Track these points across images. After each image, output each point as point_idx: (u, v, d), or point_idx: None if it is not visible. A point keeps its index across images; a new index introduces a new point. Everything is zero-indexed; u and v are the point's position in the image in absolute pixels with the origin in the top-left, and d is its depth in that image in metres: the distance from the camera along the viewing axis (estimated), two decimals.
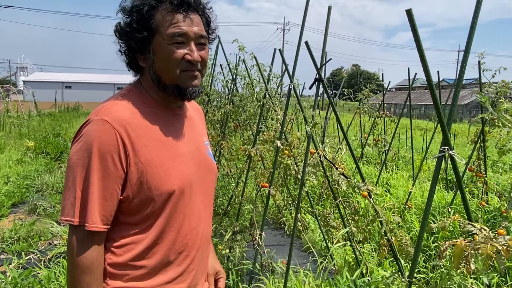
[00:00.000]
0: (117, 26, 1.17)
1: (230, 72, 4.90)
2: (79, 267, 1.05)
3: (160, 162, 1.13)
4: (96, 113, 1.10)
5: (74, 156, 1.06)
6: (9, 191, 5.64)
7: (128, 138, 1.08)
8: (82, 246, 1.05)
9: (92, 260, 1.06)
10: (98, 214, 1.05)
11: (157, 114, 1.18)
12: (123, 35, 1.16)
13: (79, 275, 1.05)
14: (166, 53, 1.12)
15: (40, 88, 41.27)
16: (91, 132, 1.06)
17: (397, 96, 38.13)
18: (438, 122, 1.58)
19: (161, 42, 1.12)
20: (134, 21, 1.12)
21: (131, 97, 1.17)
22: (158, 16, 1.12)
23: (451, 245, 1.44)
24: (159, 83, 1.17)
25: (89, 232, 1.05)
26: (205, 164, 1.29)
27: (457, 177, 1.66)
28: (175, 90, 1.16)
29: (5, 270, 3.41)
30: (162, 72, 1.15)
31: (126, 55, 1.19)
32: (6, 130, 12.95)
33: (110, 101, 1.15)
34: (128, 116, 1.11)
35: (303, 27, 2.71)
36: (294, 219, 2.72)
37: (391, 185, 5.90)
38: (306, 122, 2.80)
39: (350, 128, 9.44)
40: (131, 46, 1.16)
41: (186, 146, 1.23)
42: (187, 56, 1.13)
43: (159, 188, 1.12)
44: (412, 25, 1.40)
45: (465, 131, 16.73)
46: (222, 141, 4.94)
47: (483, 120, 4.32)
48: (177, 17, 1.12)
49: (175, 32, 1.11)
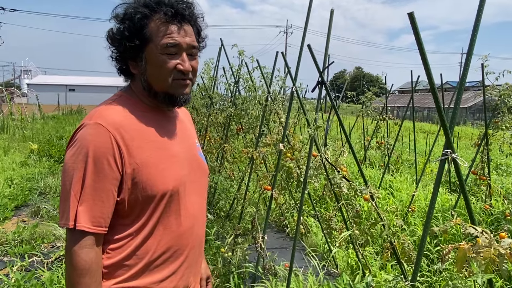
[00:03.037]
0: (110, 32, 1.18)
1: (232, 75, 4.91)
2: (78, 269, 1.05)
3: (154, 163, 1.14)
4: (90, 117, 1.11)
5: (69, 161, 1.07)
6: (12, 194, 5.66)
7: (123, 140, 1.10)
8: (80, 248, 1.06)
9: (91, 262, 1.06)
10: (93, 215, 1.06)
11: (149, 117, 1.20)
12: (115, 42, 1.17)
13: (77, 277, 1.05)
14: (159, 63, 1.14)
15: (44, 91, 41.39)
16: (86, 136, 1.07)
17: (400, 98, 38.08)
18: (441, 125, 1.57)
19: (154, 51, 1.14)
20: (126, 29, 1.13)
21: (122, 102, 1.19)
22: (151, 25, 1.13)
23: (454, 248, 1.44)
24: (150, 90, 1.19)
25: (85, 234, 1.06)
26: (197, 165, 1.32)
27: (460, 180, 1.65)
28: (167, 97, 1.19)
29: (8, 273, 3.41)
30: (154, 80, 1.17)
31: (117, 61, 1.21)
32: (10, 133, 13.00)
33: (102, 106, 1.17)
34: (121, 119, 1.13)
35: (305, 31, 2.71)
36: (297, 222, 2.72)
37: (395, 188, 5.88)
38: (309, 125, 2.80)
39: (353, 131, 9.43)
40: (123, 53, 1.17)
41: (179, 147, 1.25)
42: (179, 66, 1.16)
43: (154, 189, 1.13)
44: (414, 28, 1.40)
45: (469, 133, 16.70)
46: (225, 144, 4.94)
47: (486, 122, 4.31)
48: (171, 28, 1.14)
49: (169, 42, 1.13)
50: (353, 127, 8.84)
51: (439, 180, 1.65)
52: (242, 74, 4.65)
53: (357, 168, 2.95)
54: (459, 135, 11.79)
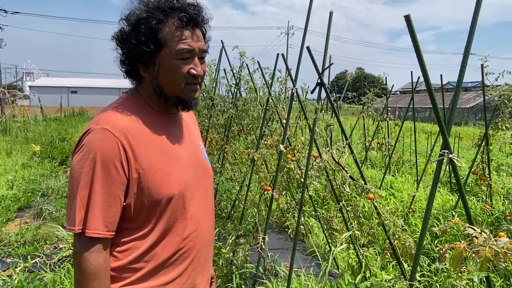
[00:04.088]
0: (119, 35, 1.17)
1: (233, 77, 4.93)
2: (87, 274, 1.06)
3: (160, 167, 1.15)
4: (96, 122, 1.12)
5: (76, 166, 1.08)
6: (15, 195, 5.70)
7: (129, 145, 1.11)
8: (88, 253, 1.06)
9: (99, 266, 1.07)
10: (102, 221, 1.07)
11: (154, 121, 1.21)
12: (128, 45, 1.16)
13: (86, 282, 1.06)
14: (173, 67, 1.15)
15: (46, 93, 41.50)
16: (93, 141, 1.08)
17: (401, 99, 38.04)
18: (438, 125, 1.59)
19: (169, 56, 1.14)
20: (142, 34, 1.12)
21: (128, 106, 1.20)
22: (166, 30, 1.13)
23: (451, 248, 1.45)
24: (160, 94, 1.20)
25: (94, 239, 1.07)
26: (202, 168, 1.33)
27: (457, 180, 1.67)
28: (178, 101, 1.21)
29: (11, 274, 3.44)
30: (166, 84, 1.18)
31: (126, 64, 1.20)
32: (12, 135, 13.05)
33: (108, 110, 1.17)
34: (127, 124, 1.13)
35: (305, 34, 2.73)
36: (297, 222, 2.74)
37: (396, 189, 5.89)
38: (309, 126, 2.82)
39: (354, 132, 9.44)
40: (135, 56, 1.16)
41: (183, 150, 1.26)
42: (192, 71, 1.17)
43: (160, 193, 1.14)
44: (410, 31, 1.42)
45: (471, 134, 16.67)
46: (226, 145, 4.96)
47: (486, 123, 4.32)
48: (186, 33, 1.14)
49: (184, 48, 1.14)
50: (354, 127, 8.85)
51: (437, 180, 1.67)
52: (243, 76, 4.68)
53: (357, 169, 2.97)
54: (460, 136, 11.78)
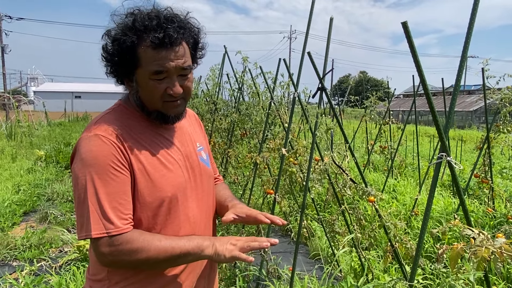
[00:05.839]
0: (104, 48, 1.17)
1: (236, 82, 4.98)
2: (139, 249, 1.09)
3: (151, 171, 1.17)
4: (89, 129, 1.15)
5: (79, 174, 1.09)
6: (20, 200, 5.75)
7: (123, 147, 1.14)
8: (121, 245, 1.07)
9: (136, 235, 1.10)
10: (117, 219, 1.08)
11: (145, 126, 1.24)
12: (108, 61, 1.18)
13: (148, 249, 1.09)
14: (149, 87, 1.16)
15: (50, 98, 41.73)
16: (90, 148, 1.10)
17: (404, 102, 37.96)
18: (436, 129, 1.63)
19: (144, 76, 1.15)
20: (116, 53, 1.14)
21: (120, 112, 1.23)
22: (140, 51, 1.12)
23: (449, 248, 1.48)
24: (142, 109, 1.22)
25: (116, 236, 1.08)
26: (198, 170, 1.33)
27: (456, 183, 1.70)
28: (159, 116, 1.22)
29: (18, 277, 3.49)
30: (145, 100, 1.20)
31: (113, 75, 1.22)
32: (17, 140, 13.17)
33: (100, 117, 1.21)
34: (118, 128, 1.16)
35: (306, 40, 2.77)
36: (299, 225, 2.77)
37: (398, 192, 5.90)
38: (311, 130, 2.86)
39: (356, 135, 9.45)
40: (116, 71, 1.19)
41: (176, 153, 1.27)
42: (168, 90, 1.16)
43: (152, 196, 1.17)
44: (408, 37, 1.46)
45: (474, 137, 16.64)
46: (229, 149, 5.01)
47: (487, 126, 4.34)
48: (160, 54, 1.12)
49: (157, 70, 1.12)
50: (356, 131, 8.87)
51: (435, 182, 1.70)
52: (245, 80, 4.73)
53: (358, 172, 3.00)
54: (463, 139, 11.78)
